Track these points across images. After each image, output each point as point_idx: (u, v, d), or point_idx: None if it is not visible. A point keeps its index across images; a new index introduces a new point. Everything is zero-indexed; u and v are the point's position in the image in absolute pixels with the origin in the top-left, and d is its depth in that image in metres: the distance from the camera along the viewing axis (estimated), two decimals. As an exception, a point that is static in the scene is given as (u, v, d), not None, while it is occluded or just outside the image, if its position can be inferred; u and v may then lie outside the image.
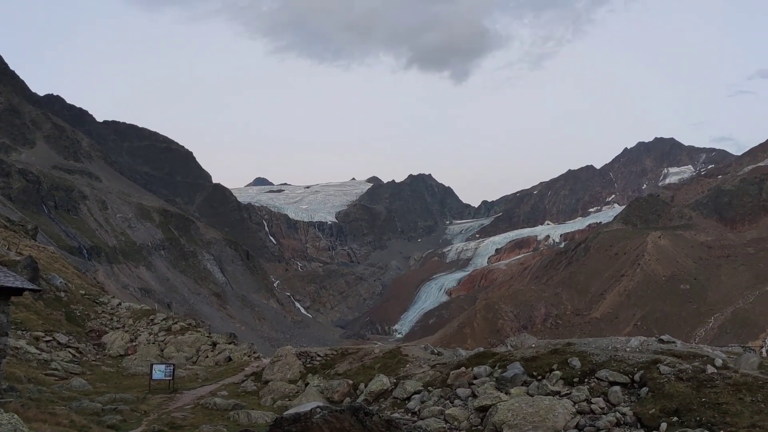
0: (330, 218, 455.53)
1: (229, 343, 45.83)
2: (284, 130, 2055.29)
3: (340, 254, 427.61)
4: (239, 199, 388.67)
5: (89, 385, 30.14)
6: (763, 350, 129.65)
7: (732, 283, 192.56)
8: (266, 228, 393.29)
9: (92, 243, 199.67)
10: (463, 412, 21.57)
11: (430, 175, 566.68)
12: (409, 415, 22.91)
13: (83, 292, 54.03)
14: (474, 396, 22.70)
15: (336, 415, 15.73)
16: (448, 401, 23.18)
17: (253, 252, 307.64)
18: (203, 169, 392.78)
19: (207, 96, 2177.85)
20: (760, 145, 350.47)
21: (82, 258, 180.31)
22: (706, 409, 17.61)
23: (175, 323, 49.67)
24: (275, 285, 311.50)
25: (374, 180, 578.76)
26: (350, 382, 28.33)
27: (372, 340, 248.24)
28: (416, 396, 24.44)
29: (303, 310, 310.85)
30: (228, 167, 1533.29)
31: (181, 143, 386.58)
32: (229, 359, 41.77)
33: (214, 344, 45.29)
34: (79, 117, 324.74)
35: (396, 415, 22.69)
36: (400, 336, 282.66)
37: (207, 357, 42.95)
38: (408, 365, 29.27)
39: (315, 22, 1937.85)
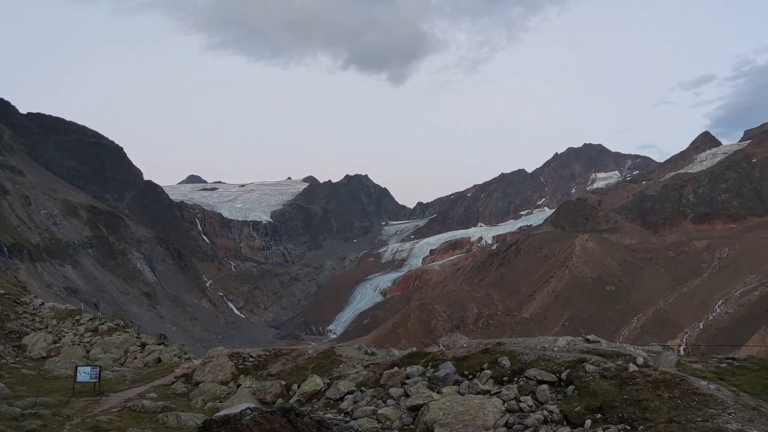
0: (265, 217, 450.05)
1: (159, 344, 44.68)
2: (219, 127, 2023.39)
3: (275, 254, 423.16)
4: (171, 197, 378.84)
5: (7, 388, 28.82)
6: (681, 348, 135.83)
7: (653, 285, 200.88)
8: (199, 227, 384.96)
9: (13, 240, 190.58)
10: (395, 412, 21.69)
11: (366, 175, 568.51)
12: (342, 415, 22.89)
13: (2, 291, 51.64)
14: (406, 395, 22.86)
15: (266, 417, 15.56)
16: (380, 401, 23.27)
17: (185, 251, 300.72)
18: (134, 166, 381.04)
19: (140, 90, 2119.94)
20: (681, 152, 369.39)
21: (2, 256, 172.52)
22: (628, 406, 18.27)
23: (102, 324, 48.03)
24: (208, 285, 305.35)
25: (310, 180, 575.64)
26: (283, 383, 28.08)
27: (306, 340, 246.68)
28: (349, 396, 24.44)
29: (236, 311, 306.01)
30: (160, 164, 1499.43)
31: (111, 138, 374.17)
32: (159, 360, 40.75)
33: (143, 345, 44.06)
34: (1, 108, 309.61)
35: (328, 415, 22.64)
36: (334, 336, 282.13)
37: (135, 358, 41.76)
38: (341, 365, 29.25)
39: (252, 20, 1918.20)
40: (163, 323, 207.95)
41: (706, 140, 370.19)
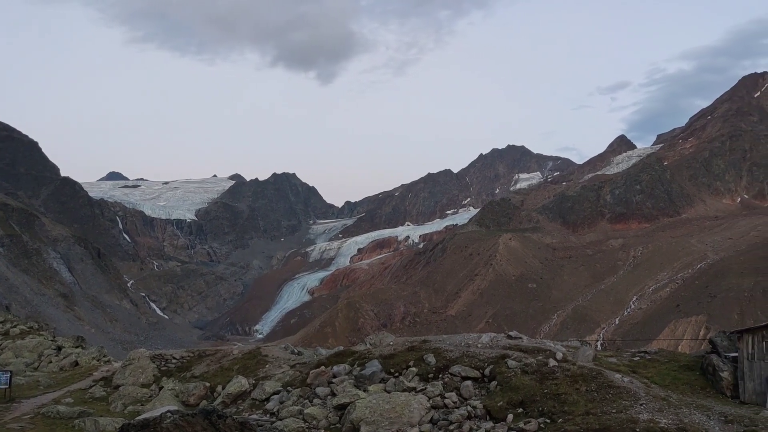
0: (189, 216, 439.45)
1: (77, 347, 43.03)
2: (142, 123, 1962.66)
3: (200, 253, 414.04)
4: (91, 194, 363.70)
5: None
6: (598, 343, 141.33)
7: (573, 282, 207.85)
8: (120, 225, 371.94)
9: None
10: (322, 411, 21.68)
11: (294, 174, 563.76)
12: (268, 416, 22.68)
13: None
14: (333, 394, 22.89)
15: (187, 419, 15.24)
16: (307, 401, 23.20)
17: (105, 250, 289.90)
18: (50, 161, 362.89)
19: (56, 83, 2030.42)
20: (599, 155, 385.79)
21: None
22: (548, 400, 18.91)
23: (14, 327, 45.92)
24: (129, 285, 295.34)
25: (237, 177, 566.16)
26: (207, 384, 27.59)
27: (232, 341, 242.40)
28: (275, 396, 24.26)
29: (159, 311, 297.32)
30: (79, 160, 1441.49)
31: (24, 132, 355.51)
32: (76, 364, 39.23)
33: (59, 348, 42.33)
34: None
35: (254, 416, 22.39)
36: (261, 336, 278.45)
37: (51, 362, 40.06)
38: (268, 366, 28.99)
39: (176, 13, 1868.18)
40: (81, 325, 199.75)
41: (622, 143, 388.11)
